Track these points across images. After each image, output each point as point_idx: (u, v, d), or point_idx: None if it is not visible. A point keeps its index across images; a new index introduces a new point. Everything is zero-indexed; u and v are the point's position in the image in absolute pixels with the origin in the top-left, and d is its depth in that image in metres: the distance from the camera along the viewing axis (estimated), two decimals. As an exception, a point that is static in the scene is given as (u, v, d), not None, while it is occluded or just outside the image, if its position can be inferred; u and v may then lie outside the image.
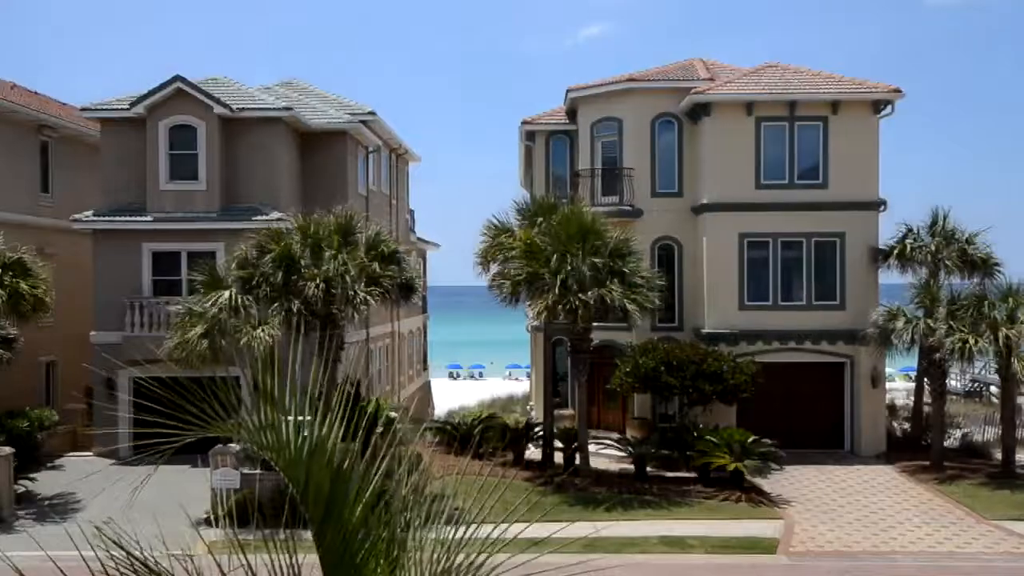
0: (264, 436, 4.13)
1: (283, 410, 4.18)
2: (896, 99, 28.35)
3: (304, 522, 4.23)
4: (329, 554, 4.03)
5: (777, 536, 19.46)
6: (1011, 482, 23.65)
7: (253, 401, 4.21)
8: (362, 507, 4.08)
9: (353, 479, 4.12)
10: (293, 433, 4.16)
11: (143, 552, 4.20)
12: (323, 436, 4.14)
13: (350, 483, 4.09)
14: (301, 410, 4.32)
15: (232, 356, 19.59)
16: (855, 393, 28.46)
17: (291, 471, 4.11)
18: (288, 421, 4.17)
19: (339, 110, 31.27)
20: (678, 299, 29.70)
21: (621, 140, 30.25)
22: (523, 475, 23.49)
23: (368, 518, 4.08)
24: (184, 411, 4.16)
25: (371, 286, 22.12)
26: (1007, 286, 25.47)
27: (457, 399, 47.25)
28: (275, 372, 4.27)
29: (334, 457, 4.11)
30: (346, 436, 4.30)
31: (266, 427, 4.11)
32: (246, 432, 4.14)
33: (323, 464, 4.06)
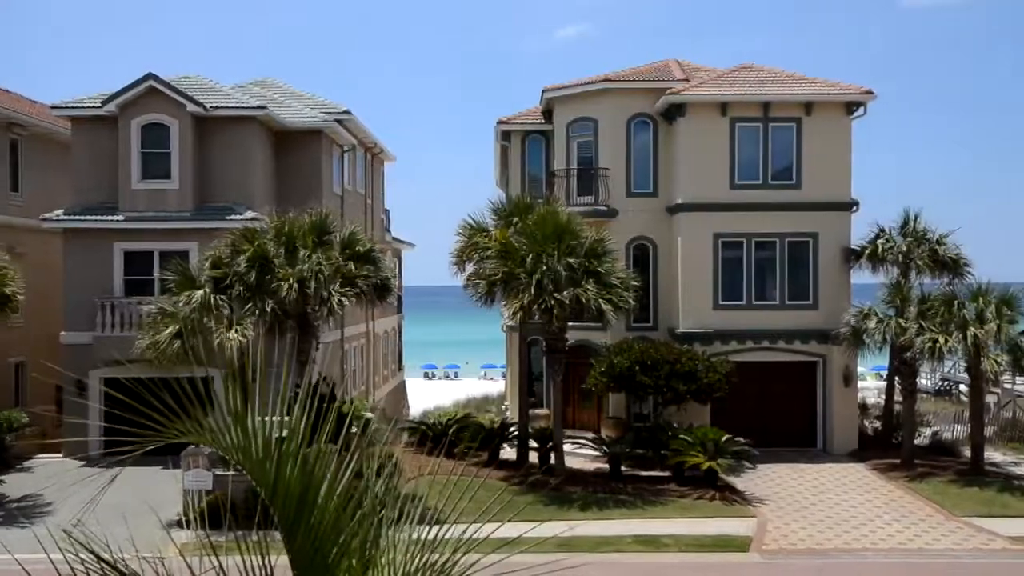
0: (229, 438, 4.10)
1: (252, 411, 4.15)
2: (868, 100, 28.64)
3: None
4: (300, 555, 4.01)
5: (750, 534, 19.60)
6: (980, 479, 23.96)
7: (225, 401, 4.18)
8: (334, 508, 4.06)
9: (324, 480, 4.10)
10: (261, 434, 4.13)
11: (112, 555, 4.16)
12: (292, 437, 4.12)
13: (321, 484, 4.08)
14: (273, 411, 4.29)
15: (205, 357, 19.44)
16: (827, 392, 28.71)
17: (258, 473, 4.09)
18: (256, 422, 4.14)
19: (314, 109, 31.12)
20: (653, 299, 29.84)
21: (597, 140, 30.33)
22: (498, 475, 23.49)
23: (340, 519, 4.06)
24: (155, 413, 4.12)
25: (346, 286, 22.04)
26: (976, 286, 25.79)
27: (432, 399, 47.15)
28: (247, 373, 4.24)
29: (304, 458, 4.09)
30: (319, 437, 4.28)
31: (232, 429, 4.07)
32: (209, 435, 4.11)
33: (292, 466, 4.04)
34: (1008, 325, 24.16)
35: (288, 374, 4.92)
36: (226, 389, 4.16)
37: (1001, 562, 18.07)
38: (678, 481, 23.66)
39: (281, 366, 4.92)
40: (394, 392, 42.80)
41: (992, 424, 31.43)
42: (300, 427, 4.20)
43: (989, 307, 24.40)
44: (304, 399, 4.28)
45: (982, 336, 23.79)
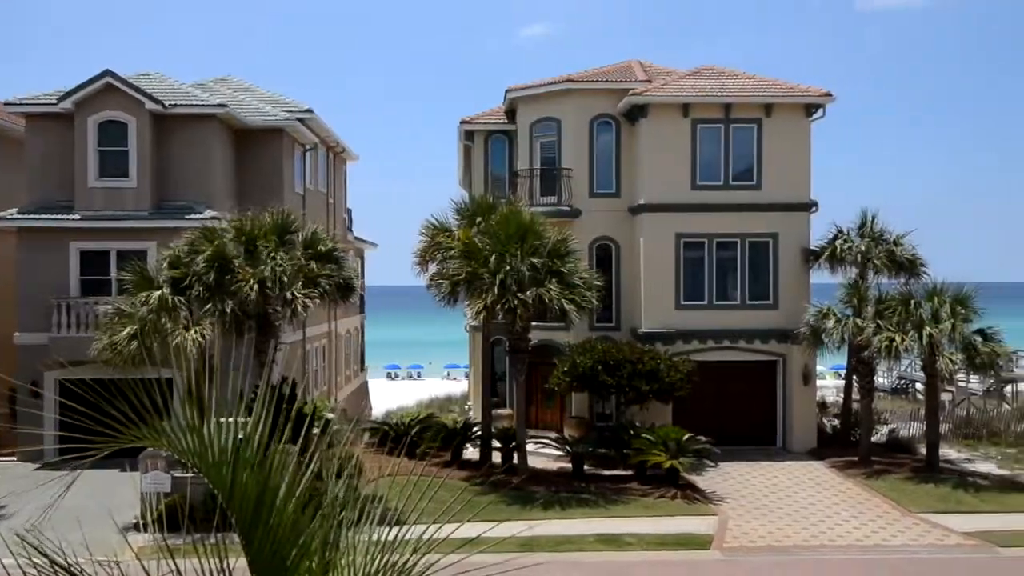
0: (186, 441, 4.04)
1: (209, 414, 4.10)
2: (827, 103, 29.00)
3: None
4: (259, 558, 3.97)
5: (711, 532, 19.76)
6: (935, 476, 24.37)
7: (183, 402, 4.13)
8: (292, 510, 4.03)
9: (282, 482, 4.06)
10: (216, 437, 4.08)
11: (68, 559, 4.08)
12: (250, 439, 4.08)
13: (279, 486, 4.04)
14: (232, 413, 4.24)
15: (163, 358, 19.19)
16: (787, 391, 29.05)
17: (215, 475, 4.04)
18: (214, 425, 4.09)
19: (275, 107, 30.86)
20: (616, 299, 29.98)
21: (560, 140, 30.41)
22: (460, 475, 23.45)
23: (299, 521, 4.03)
24: (113, 415, 4.05)
25: (308, 286, 21.87)
26: (932, 286, 26.22)
27: (395, 399, 46.96)
28: (205, 374, 4.19)
29: (262, 460, 4.05)
30: (278, 438, 4.24)
31: (188, 432, 4.02)
32: (164, 439, 4.05)
33: (250, 468, 4.00)
34: (962, 324, 24.59)
35: (248, 375, 4.87)
36: (185, 391, 4.10)
37: (956, 557, 18.40)
38: (640, 480, 23.79)
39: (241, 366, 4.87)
40: (356, 393, 42.57)
41: (947, 422, 31.99)
42: (259, 429, 4.15)
43: (944, 306, 24.83)
44: (264, 400, 4.24)
45: (937, 335, 24.19)
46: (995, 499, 22.35)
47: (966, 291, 25.29)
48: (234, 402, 4.37)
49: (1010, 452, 28.49)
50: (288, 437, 4.37)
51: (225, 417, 4.20)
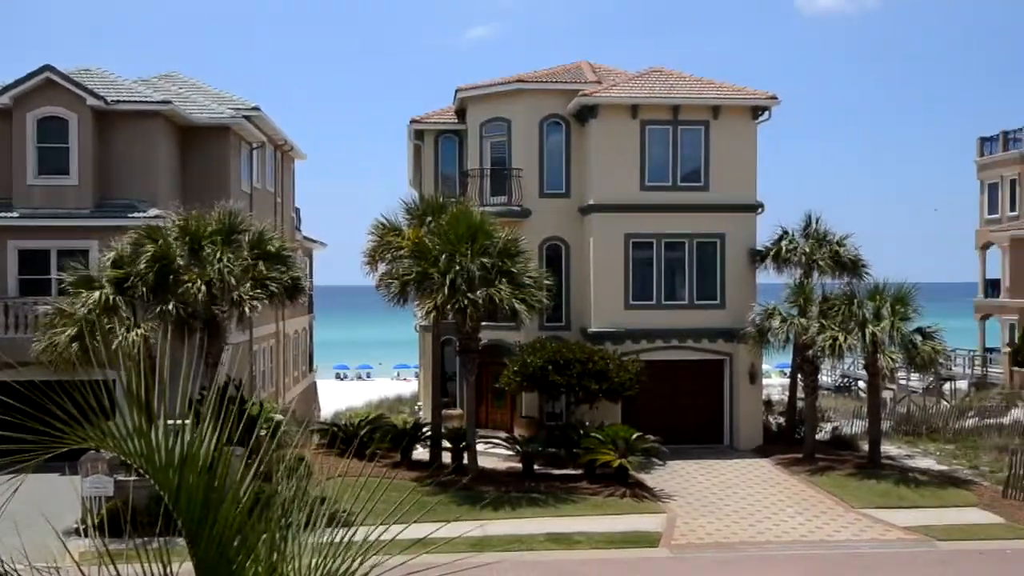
0: (132, 443, 3.96)
1: (154, 416, 4.03)
2: (773, 105, 29.45)
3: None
4: (204, 562, 3.91)
5: (660, 530, 19.94)
6: (877, 472, 24.88)
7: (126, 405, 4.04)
8: (239, 513, 3.97)
9: (228, 484, 4.00)
10: (163, 438, 4.00)
11: (4, 565, 3.97)
12: (196, 441, 4.01)
13: (225, 489, 3.97)
14: (176, 414, 4.17)
15: (105, 359, 18.80)
16: (734, 389, 29.43)
17: (162, 478, 3.97)
18: (159, 427, 4.02)
19: (222, 104, 30.39)
20: (566, 299, 30.10)
21: (510, 140, 30.44)
22: (410, 475, 23.34)
23: (244, 524, 3.97)
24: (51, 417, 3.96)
25: (256, 287, 21.59)
26: (874, 286, 26.77)
27: (344, 400, 46.57)
28: (148, 376, 4.11)
29: (208, 463, 3.98)
30: (226, 440, 4.18)
31: (135, 434, 3.94)
32: (111, 440, 3.97)
33: (196, 470, 3.93)
34: (902, 323, 25.15)
35: (195, 376, 4.79)
36: (128, 393, 4.02)
37: (897, 551, 18.82)
38: (590, 479, 23.91)
39: (187, 367, 4.79)
40: (305, 393, 42.15)
41: (888, 419, 32.70)
42: (206, 431, 4.09)
43: (885, 306, 25.37)
44: (211, 402, 4.17)
45: (879, 334, 24.71)
46: (934, 494, 22.89)
47: (906, 291, 25.87)
48: (181, 404, 4.29)
49: (948, 448, 29.20)
50: (236, 439, 4.31)
51: (172, 419, 4.13)
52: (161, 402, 4.14)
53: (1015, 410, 35.64)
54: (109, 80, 28.14)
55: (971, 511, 21.48)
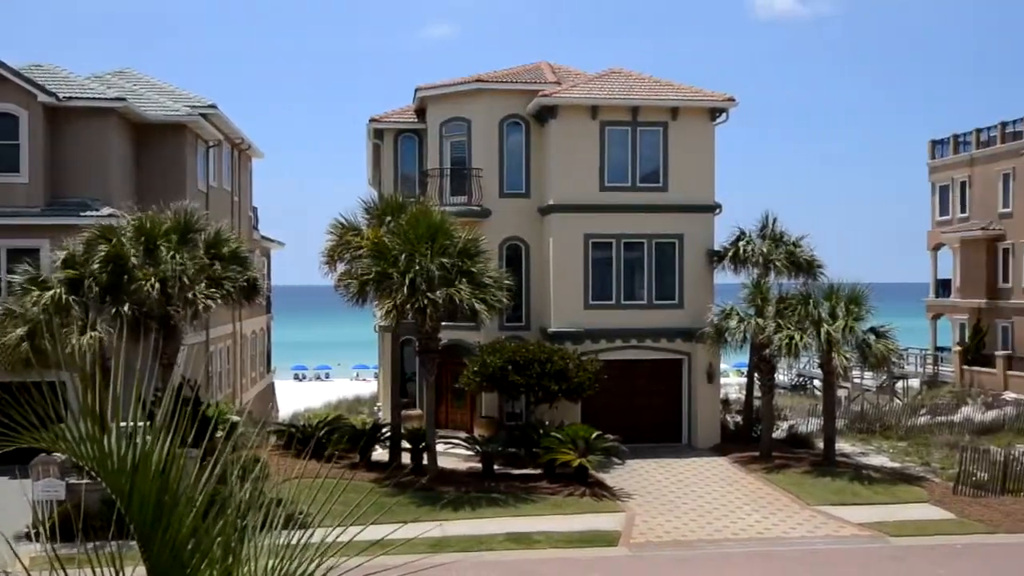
0: (85, 447, 3.89)
1: (106, 418, 3.96)
2: (730, 107, 29.74)
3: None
4: (157, 566, 3.85)
5: (619, 529, 20.03)
6: (832, 470, 25.23)
7: (79, 407, 3.97)
8: (193, 516, 3.91)
9: (184, 487, 3.94)
10: (117, 442, 3.94)
11: (-50, 572, 3.88)
12: (150, 444, 3.94)
13: (179, 491, 3.92)
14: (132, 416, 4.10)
15: (56, 360, 18.44)
16: (692, 388, 29.67)
17: (114, 481, 3.90)
18: (112, 429, 3.95)
19: (177, 102, 29.96)
20: (525, 299, 30.13)
21: (470, 140, 30.40)
22: (369, 476, 23.22)
23: (199, 527, 3.91)
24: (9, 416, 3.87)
25: (212, 287, 21.33)
26: (829, 286, 27.16)
27: (303, 401, 46.18)
28: (101, 377, 4.03)
29: (162, 466, 3.92)
30: (181, 442, 4.12)
31: (88, 437, 3.87)
32: (63, 443, 3.89)
33: (149, 474, 3.87)
34: (855, 322, 25.55)
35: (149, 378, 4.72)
36: (82, 395, 3.94)
37: (851, 547, 19.11)
38: (550, 478, 23.96)
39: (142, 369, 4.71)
40: (262, 394, 41.72)
41: (843, 417, 33.20)
42: (160, 434, 4.03)
43: (839, 306, 25.76)
44: (166, 404, 4.11)
45: (834, 333, 25.07)
46: (887, 491, 23.28)
47: (860, 291, 26.27)
48: (135, 406, 4.22)
49: (901, 445, 29.71)
50: (191, 441, 4.25)
51: (125, 422, 4.06)
52: (115, 404, 4.07)
53: (965, 408, 36.42)
54: (61, 76, 27.62)
55: (923, 507, 21.87)
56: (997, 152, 45.91)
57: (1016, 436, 29.86)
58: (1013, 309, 43.89)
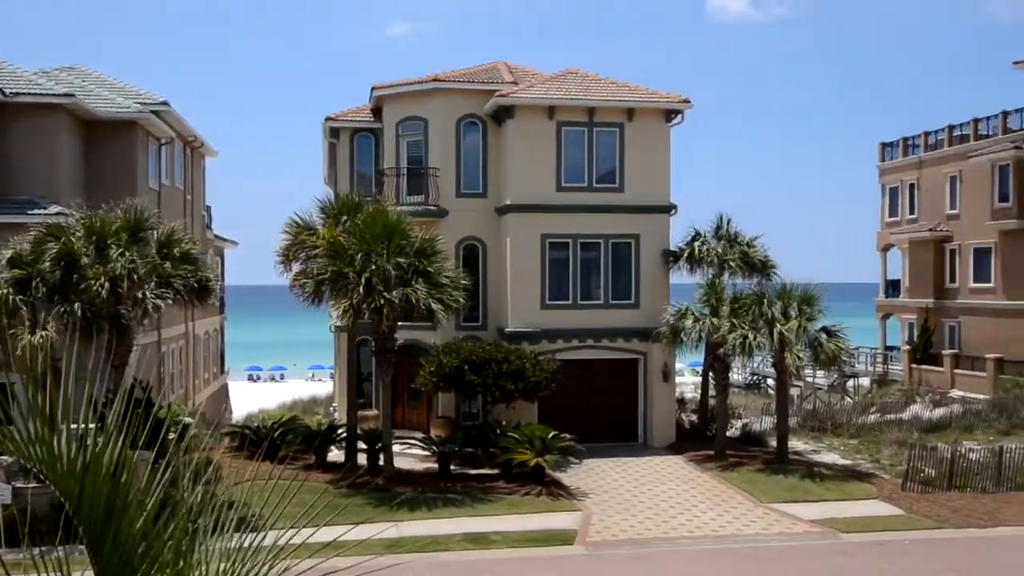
0: (34, 449, 3.81)
1: (56, 419, 3.88)
2: (685, 109, 30.00)
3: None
4: (106, 571, 3.78)
5: (575, 527, 20.12)
6: (784, 467, 25.58)
7: (28, 409, 3.89)
8: (143, 519, 3.85)
9: (134, 490, 3.88)
10: (67, 444, 3.86)
11: None
12: (101, 446, 3.87)
13: (129, 494, 3.85)
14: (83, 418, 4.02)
15: (5, 361, 18.03)
16: (648, 388, 29.89)
17: (63, 484, 3.82)
18: (63, 430, 3.87)
19: (128, 99, 29.44)
20: (482, 299, 30.12)
21: (427, 140, 30.31)
22: (324, 477, 23.04)
23: (149, 531, 3.85)
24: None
25: (163, 287, 21.01)
26: (782, 286, 27.53)
27: (257, 402, 45.74)
28: (51, 377, 3.95)
29: (112, 469, 3.85)
30: (133, 444, 4.05)
31: (37, 439, 3.79)
32: (12, 444, 3.81)
33: (99, 477, 3.80)
34: (808, 322, 25.94)
35: (100, 378, 4.63)
36: (31, 395, 3.86)
37: (803, 544, 19.39)
38: (506, 478, 23.98)
39: (92, 370, 4.63)
40: (216, 396, 41.19)
41: (795, 415, 33.66)
42: (112, 435, 3.96)
43: (792, 305, 26.13)
44: (117, 405, 4.04)
45: (787, 333, 25.42)
46: (838, 488, 23.66)
47: (812, 291, 26.67)
48: (85, 407, 4.14)
49: (851, 443, 30.21)
50: (142, 443, 4.18)
51: (76, 422, 3.99)
52: (65, 405, 3.99)
53: (914, 406, 37.15)
54: (8, 71, 27.00)
55: (873, 504, 22.27)
56: (944, 155, 46.92)
57: (963, 433, 30.53)
58: (960, 309, 44.88)
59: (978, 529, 20.20)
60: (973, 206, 43.97)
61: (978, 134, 44.99)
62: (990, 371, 39.98)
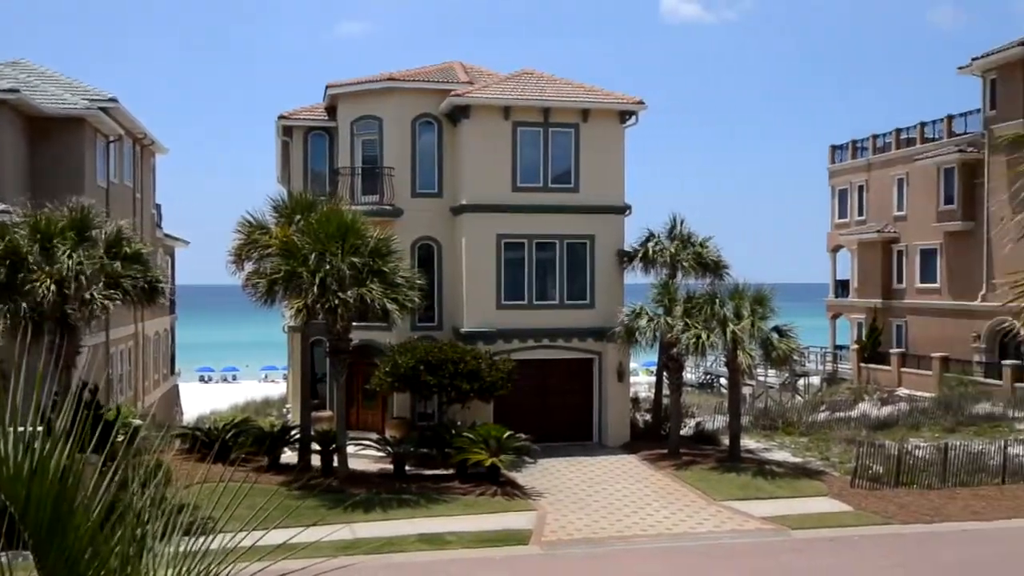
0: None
1: (3, 423, 3.79)
2: (640, 110, 30.22)
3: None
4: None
5: (531, 527, 20.15)
6: (737, 465, 25.89)
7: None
8: (91, 524, 3.77)
9: (81, 494, 3.80)
10: (13, 447, 3.78)
11: None
12: (48, 449, 3.79)
13: (76, 499, 3.78)
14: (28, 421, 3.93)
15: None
16: (603, 387, 30.05)
17: (10, 489, 3.73)
18: (9, 434, 3.78)
19: (75, 95, 28.86)
20: (438, 299, 30.04)
21: (382, 139, 30.15)
22: (277, 479, 22.81)
23: (96, 536, 3.78)
24: None
25: (111, 287, 20.62)
26: (734, 286, 27.87)
27: (209, 403, 45.14)
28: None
29: (59, 471, 3.77)
30: (81, 447, 3.97)
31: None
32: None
33: (47, 480, 3.72)
34: (760, 322, 26.28)
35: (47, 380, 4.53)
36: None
37: (755, 541, 19.63)
38: (462, 479, 23.94)
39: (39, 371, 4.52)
40: (166, 397, 40.55)
41: (748, 414, 34.08)
42: (59, 438, 3.87)
43: (744, 305, 26.46)
44: (65, 408, 3.96)
45: (739, 332, 25.73)
46: (789, 485, 24.00)
47: (764, 291, 27.04)
48: (32, 410, 4.04)
49: (802, 441, 30.67)
50: (90, 446, 4.10)
51: (22, 425, 3.89)
52: (11, 408, 3.90)
53: (862, 404, 37.84)
54: (-51, 65, 26.32)
55: (823, 500, 22.62)
56: (892, 158, 47.86)
57: (909, 431, 31.16)
58: (907, 308, 45.81)
59: (924, 524, 20.63)
60: (919, 208, 44.92)
61: (924, 137, 45.99)
62: (936, 370, 40.88)
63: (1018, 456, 24.93)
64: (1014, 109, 38.46)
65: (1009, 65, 38.86)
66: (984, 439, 27.74)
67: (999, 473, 24.15)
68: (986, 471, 24.21)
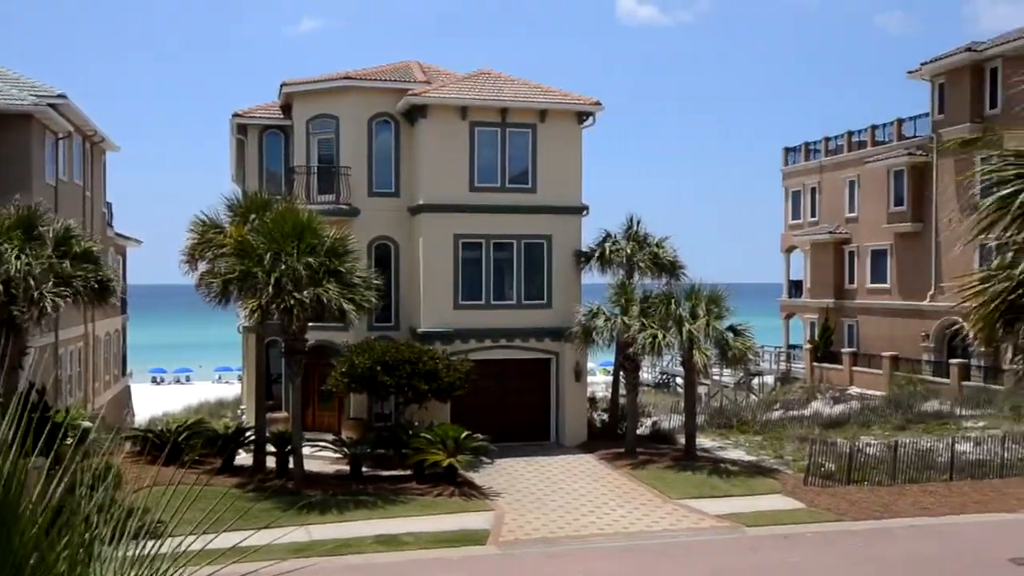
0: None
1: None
2: (597, 111, 30.35)
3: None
4: (-5, 584, 3.60)
5: (488, 527, 20.13)
6: (692, 464, 26.12)
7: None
8: (36, 529, 3.68)
9: (27, 498, 3.70)
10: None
11: None
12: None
13: (22, 504, 3.68)
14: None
15: None
16: (560, 387, 30.14)
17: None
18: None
19: (23, 91, 28.23)
20: (395, 299, 29.91)
21: (338, 138, 29.93)
22: (231, 481, 22.53)
23: (42, 542, 3.68)
24: None
25: (60, 287, 20.21)
26: (690, 286, 28.11)
27: (161, 405, 44.45)
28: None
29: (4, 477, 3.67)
30: (26, 451, 3.87)
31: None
32: None
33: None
34: (716, 321, 26.54)
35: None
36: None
37: (710, 539, 19.82)
38: (419, 479, 23.85)
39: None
40: (117, 399, 39.85)
41: (703, 413, 34.41)
42: (3, 442, 3.77)
43: (700, 305, 26.70)
44: (11, 410, 3.85)
45: (695, 332, 25.96)
46: (744, 483, 24.26)
47: (719, 291, 27.31)
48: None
49: (756, 439, 31.03)
50: (38, 449, 4.00)
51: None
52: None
53: (815, 403, 38.40)
54: None
55: (776, 498, 22.90)
56: (844, 160, 48.64)
57: (860, 429, 31.67)
58: (858, 308, 46.59)
59: (875, 520, 20.98)
60: (870, 209, 45.72)
61: (875, 140, 46.82)
62: (886, 369, 41.63)
63: (965, 453, 25.47)
64: (961, 113, 39.31)
65: (957, 70, 39.70)
66: (932, 436, 28.29)
67: (947, 470, 24.64)
68: (934, 468, 24.69)
